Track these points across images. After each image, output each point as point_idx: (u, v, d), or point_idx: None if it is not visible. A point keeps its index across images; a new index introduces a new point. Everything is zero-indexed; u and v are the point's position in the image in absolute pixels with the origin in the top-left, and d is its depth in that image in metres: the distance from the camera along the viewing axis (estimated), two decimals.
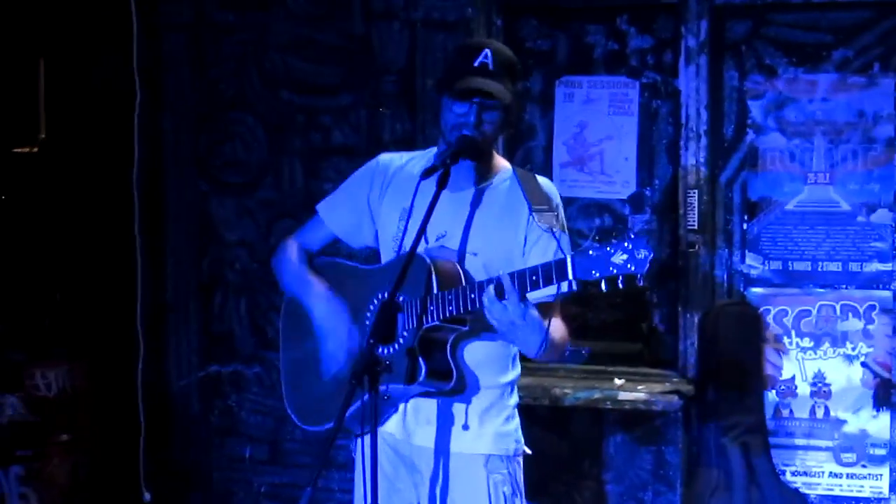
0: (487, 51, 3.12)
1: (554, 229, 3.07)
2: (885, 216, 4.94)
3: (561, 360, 4.68)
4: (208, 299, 5.42)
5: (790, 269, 5.04)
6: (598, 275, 2.71)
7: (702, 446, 4.96)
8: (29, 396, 5.33)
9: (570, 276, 2.76)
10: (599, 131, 5.19)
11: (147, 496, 5.39)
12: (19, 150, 5.60)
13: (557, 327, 3.12)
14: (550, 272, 2.80)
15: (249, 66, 5.29)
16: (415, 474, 3.28)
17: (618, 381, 5.05)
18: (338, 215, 3.42)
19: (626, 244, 2.69)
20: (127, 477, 5.41)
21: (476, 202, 3.20)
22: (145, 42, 5.29)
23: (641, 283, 2.71)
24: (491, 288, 2.87)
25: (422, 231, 3.02)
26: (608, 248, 2.71)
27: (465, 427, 3.19)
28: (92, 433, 5.40)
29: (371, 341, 2.90)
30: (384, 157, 3.40)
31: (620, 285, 2.71)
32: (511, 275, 2.86)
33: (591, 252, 2.72)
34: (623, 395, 4.95)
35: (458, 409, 3.20)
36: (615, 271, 2.69)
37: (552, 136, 5.23)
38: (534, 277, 2.82)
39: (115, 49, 5.31)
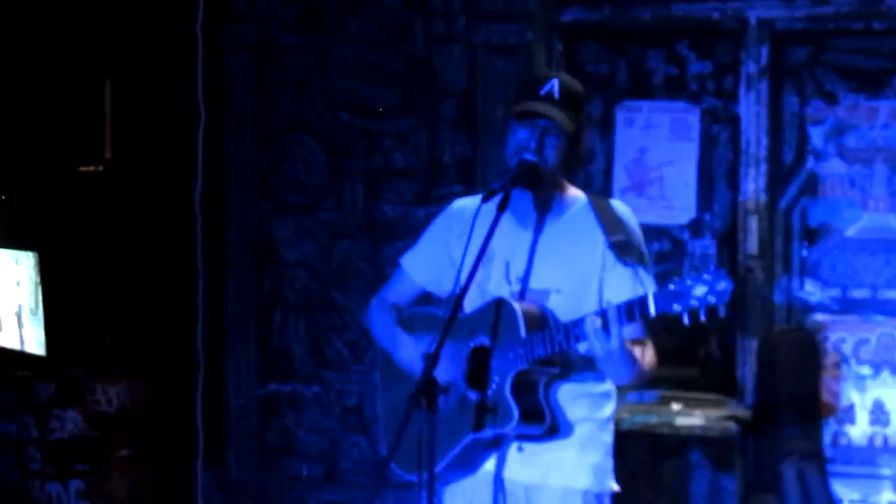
0: (554, 81, 3.16)
1: (633, 261, 3.10)
2: None
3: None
4: (268, 318, 5.46)
5: (849, 296, 5.02)
6: (679, 308, 2.76)
7: (759, 473, 4.94)
8: (89, 412, 5.40)
9: (653, 312, 2.80)
10: (659, 156, 5.20)
11: None
12: (85, 168, 5.70)
13: (647, 356, 3.16)
14: (633, 308, 2.84)
15: (311, 89, 5.36)
16: None
17: (675, 407, 5.04)
18: (421, 266, 3.44)
19: (706, 276, 2.75)
20: (184, 493, 5.47)
21: (541, 233, 3.20)
22: (210, 63, 5.39)
23: (723, 315, 2.75)
24: (597, 318, 2.91)
25: (480, 254, 3.03)
26: (688, 282, 2.76)
27: (564, 461, 3.17)
28: (151, 449, 5.46)
29: (428, 363, 2.90)
30: (458, 202, 3.42)
31: (703, 318, 2.75)
32: (597, 313, 2.90)
33: (671, 287, 2.78)
34: (680, 421, 4.94)
35: (556, 443, 3.18)
36: (696, 304, 2.74)
37: (612, 161, 5.25)
38: (617, 313, 2.86)
39: (180, 70, 5.41)
